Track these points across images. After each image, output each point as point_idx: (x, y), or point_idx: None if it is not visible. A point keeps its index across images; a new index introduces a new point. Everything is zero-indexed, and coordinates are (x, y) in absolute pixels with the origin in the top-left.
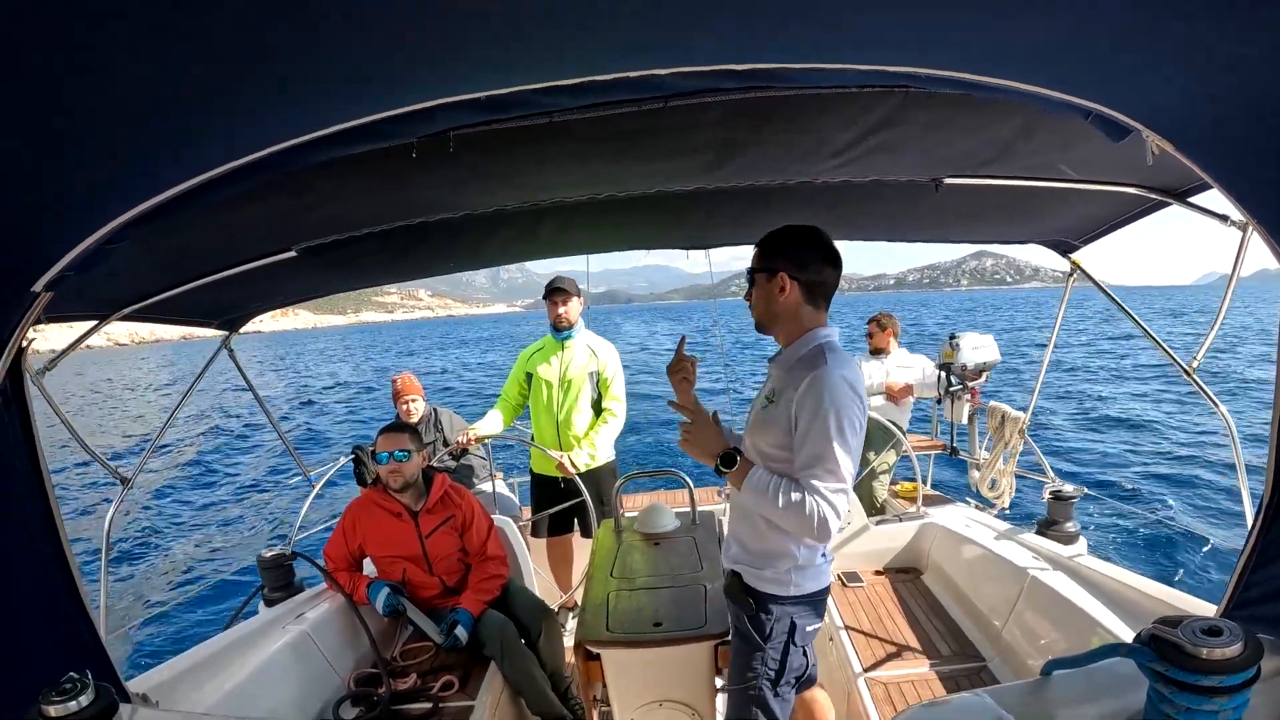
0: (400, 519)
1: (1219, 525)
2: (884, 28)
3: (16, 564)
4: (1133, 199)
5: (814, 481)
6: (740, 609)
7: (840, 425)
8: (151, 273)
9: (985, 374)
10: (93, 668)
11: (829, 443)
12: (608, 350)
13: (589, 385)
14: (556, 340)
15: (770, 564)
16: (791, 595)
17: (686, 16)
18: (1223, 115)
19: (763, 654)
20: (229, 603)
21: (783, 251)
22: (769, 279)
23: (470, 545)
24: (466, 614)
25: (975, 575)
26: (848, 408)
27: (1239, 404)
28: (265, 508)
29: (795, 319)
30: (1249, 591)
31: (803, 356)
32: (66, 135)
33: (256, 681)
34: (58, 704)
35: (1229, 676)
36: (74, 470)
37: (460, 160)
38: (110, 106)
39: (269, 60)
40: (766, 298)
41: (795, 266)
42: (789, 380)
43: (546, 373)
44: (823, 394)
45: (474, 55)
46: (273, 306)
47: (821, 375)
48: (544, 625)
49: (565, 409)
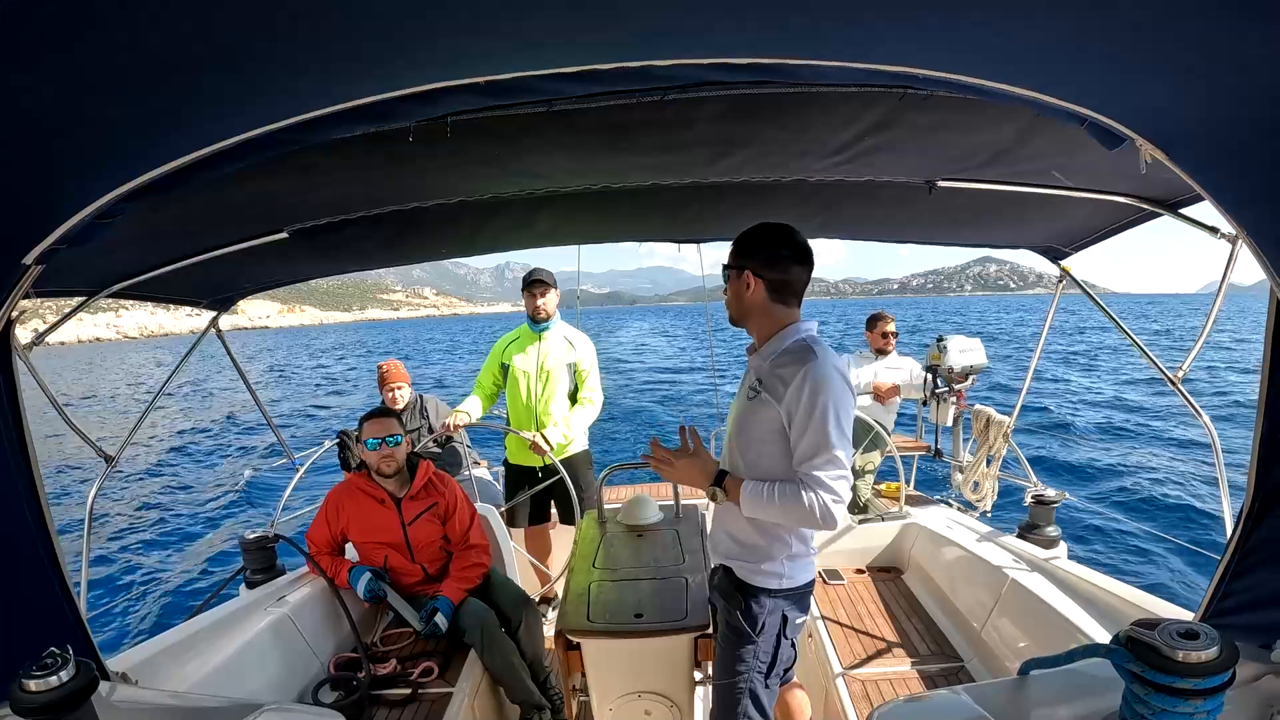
0: (384, 505)
1: (1199, 534)
2: (883, 26)
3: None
4: (1124, 208)
5: (815, 472)
6: (731, 603)
7: (837, 414)
8: (142, 250)
9: (972, 377)
10: (73, 645)
11: (828, 432)
12: (584, 343)
13: (566, 376)
14: (534, 331)
15: (765, 556)
16: (784, 589)
17: (688, 8)
18: (1216, 126)
19: (755, 647)
20: (210, 584)
21: (752, 250)
22: (737, 276)
23: (452, 534)
24: (447, 601)
25: (955, 576)
26: (841, 398)
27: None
28: (249, 490)
29: (765, 315)
30: (1226, 600)
31: (788, 349)
32: (60, 108)
33: (237, 662)
34: (38, 678)
35: (1204, 680)
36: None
37: (458, 146)
38: (106, 80)
39: (269, 38)
40: (736, 294)
41: (763, 264)
42: (775, 374)
43: (523, 363)
44: (819, 386)
45: (476, 38)
46: (264, 288)
47: (814, 368)
48: (524, 614)
49: (543, 400)
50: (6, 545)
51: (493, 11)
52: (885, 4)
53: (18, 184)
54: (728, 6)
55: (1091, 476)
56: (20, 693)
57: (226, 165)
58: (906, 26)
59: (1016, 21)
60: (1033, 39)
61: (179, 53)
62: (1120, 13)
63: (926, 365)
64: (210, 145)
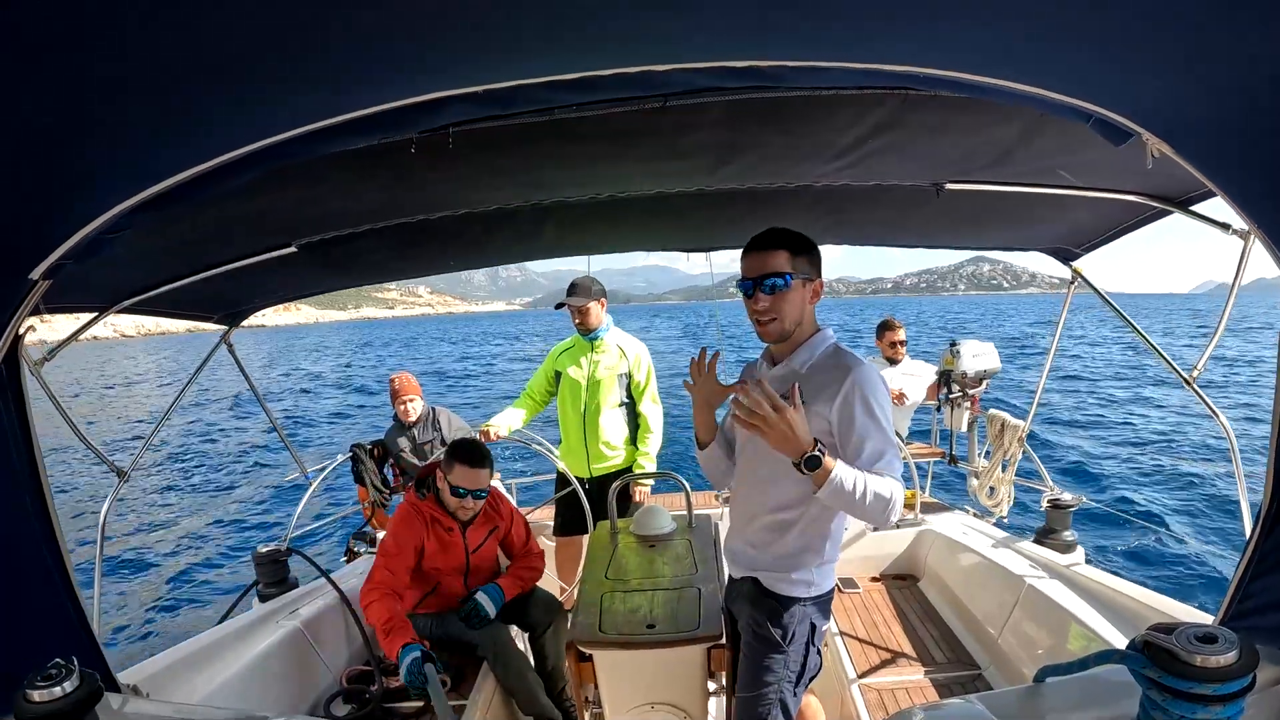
0: (451, 534)
1: (1219, 536)
2: (882, 25)
3: (9, 553)
4: (1134, 206)
5: (888, 470)
6: (761, 613)
7: (887, 415)
8: (150, 265)
9: (985, 382)
10: (83, 657)
11: (886, 434)
12: (638, 350)
13: (618, 386)
14: (586, 340)
15: (796, 565)
16: (812, 596)
17: (683, 11)
18: (1225, 119)
19: (785, 657)
20: (223, 598)
21: (810, 253)
22: (804, 284)
23: (511, 549)
24: (497, 589)
25: (972, 583)
26: (885, 398)
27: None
28: (261, 504)
29: (806, 323)
30: (1246, 602)
31: (826, 353)
32: (67, 120)
33: (249, 676)
34: (42, 689)
35: (1223, 685)
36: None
37: (461, 158)
38: (110, 91)
39: (272, 49)
40: (801, 302)
41: (818, 269)
42: (815, 381)
43: (575, 373)
44: (867, 390)
45: (471, 47)
46: (273, 302)
47: (861, 374)
48: (555, 621)
49: (592, 410)
50: (17, 559)
51: (485, 19)
52: (884, 3)
53: (24, 198)
54: (722, 10)
55: (1107, 478)
56: (24, 703)
57: (232, 179)
58: (907, 25)
59: (1017, 19)
60: (1034, 35)
61: (181, 66)
62: (1122, 6)
63: (940, 370)
64: (215, 158)
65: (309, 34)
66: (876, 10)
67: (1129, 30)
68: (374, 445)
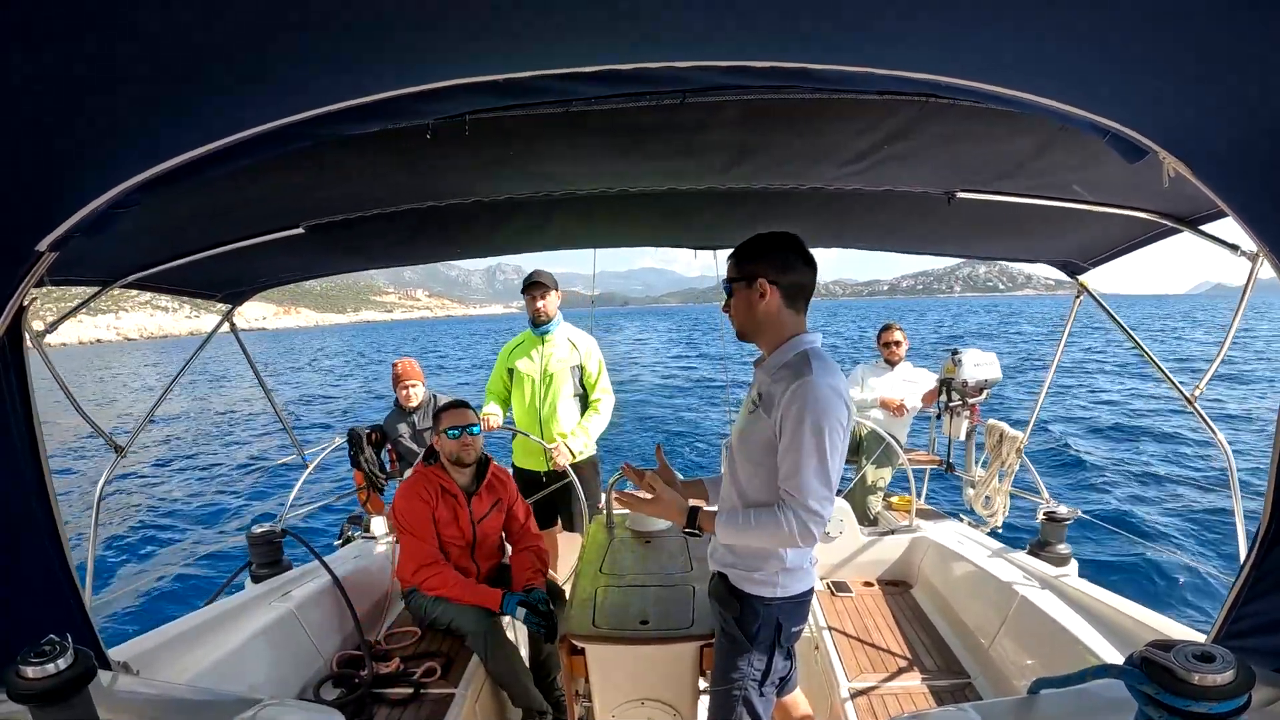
0: (456, 501)
1: (1213, 555)
2: (907, 31)
3: (6, 526)
4: (1144, 224)
5: (793, 493)
6: (726, 610)
7: (821, 430)
8: (157, 241)
9: (986, 391)
10: (75, 633)
11: (812, 453)
12: (588, 342)
13: (571, 378)
14: (536, 335)
15: (758, 566)
16: (779, 597)
17: (709, 9)
18: (1242, 141)
19: (749, 655)
20: (216, 577)
21: (761, 256)
22: (748, 286)
23: (512, 526)
24: (541, 593)
25: (965, 592)
26: (831, 416)
27: None
28: (257, 484)
29: (777, 325)
30: (1239, 623)
31: (787, 363)
32: (80, 94)
33: (239, 656)
34: (35, 665)
35: (1220, 704)
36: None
37: (475, 145)
38: (124, 67)
39: (289, 29)
40: (746, 306)
41: (776, 270)
42: (774, 387)
43: (528, 368)
44: (806, 403)
45: (493, 35)
46: (279, 283)
47: (807, 384)
48: (554, 606)
49: (548, 403)
50: (13, 534)
51: (510, 10)
52: (910, 8)
53: (32, 170)
54: (748, 8)
55: (1103, 493)
56: (16, 679)
57: (242, 158)
58: (931, 31)
59: (1042, 32)
60: (1059, 48)
61: (195, 43)
62: (1150, 26)
63: (941, 378)
64: (226, 137)
65: (329, 16)
66: (902, 17)
67: (1154, 50)
68: (372, 430)
